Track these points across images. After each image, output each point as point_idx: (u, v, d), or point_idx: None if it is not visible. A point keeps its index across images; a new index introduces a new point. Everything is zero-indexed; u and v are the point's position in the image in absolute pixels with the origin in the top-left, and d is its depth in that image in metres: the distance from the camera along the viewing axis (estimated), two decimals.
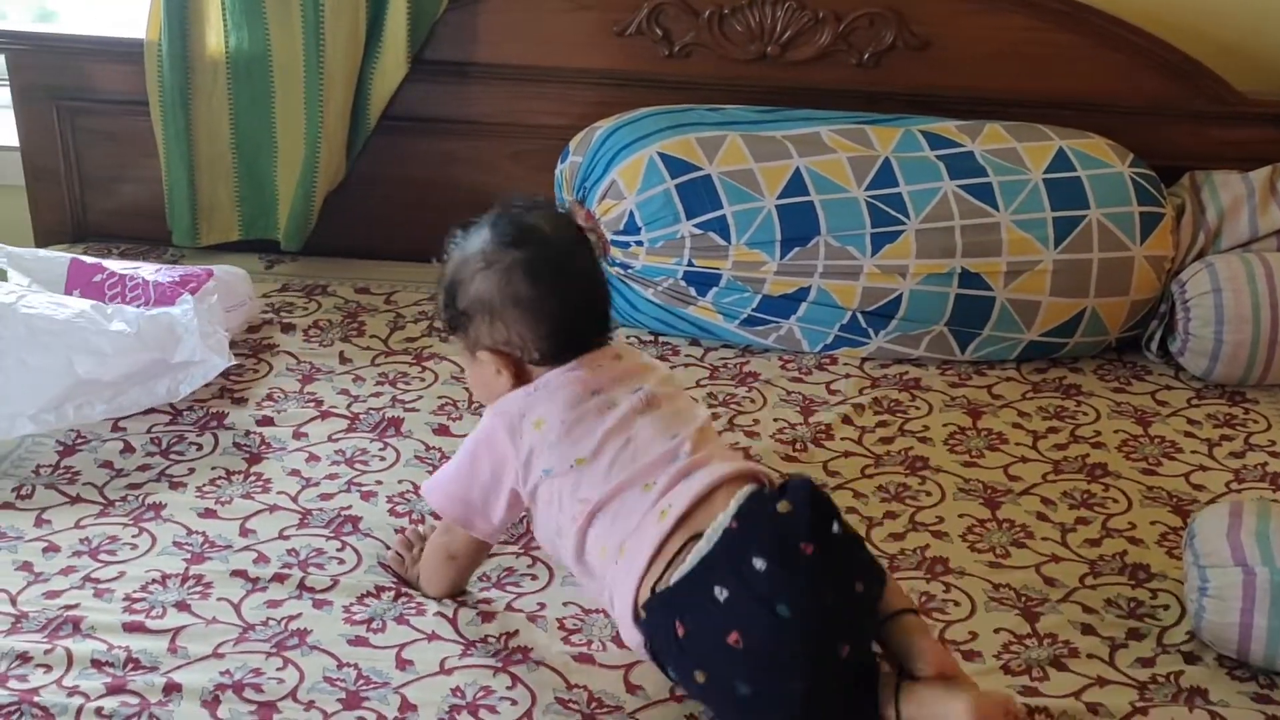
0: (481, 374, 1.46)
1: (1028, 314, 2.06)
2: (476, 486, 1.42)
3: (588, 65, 2.27)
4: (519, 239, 1.43)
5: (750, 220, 2.05)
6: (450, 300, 1.45)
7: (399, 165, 2.33)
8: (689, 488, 1.32)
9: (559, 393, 1.40)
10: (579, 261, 1.46)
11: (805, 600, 1.21)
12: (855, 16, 2.21)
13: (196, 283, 1.95)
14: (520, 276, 1.40)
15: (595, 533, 1.35)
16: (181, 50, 2.21)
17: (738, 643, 1.22)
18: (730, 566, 1.24)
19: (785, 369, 2.07)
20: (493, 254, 1.42)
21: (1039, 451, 1.87)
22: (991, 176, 2.07)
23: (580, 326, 1.44)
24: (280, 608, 1.47)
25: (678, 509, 1.31)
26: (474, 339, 1.44)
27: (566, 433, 1.37)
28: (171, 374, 1.78)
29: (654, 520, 1.31)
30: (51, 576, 1.50)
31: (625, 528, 1.33)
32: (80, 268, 2.00)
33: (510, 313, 1.41)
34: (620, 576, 1.32)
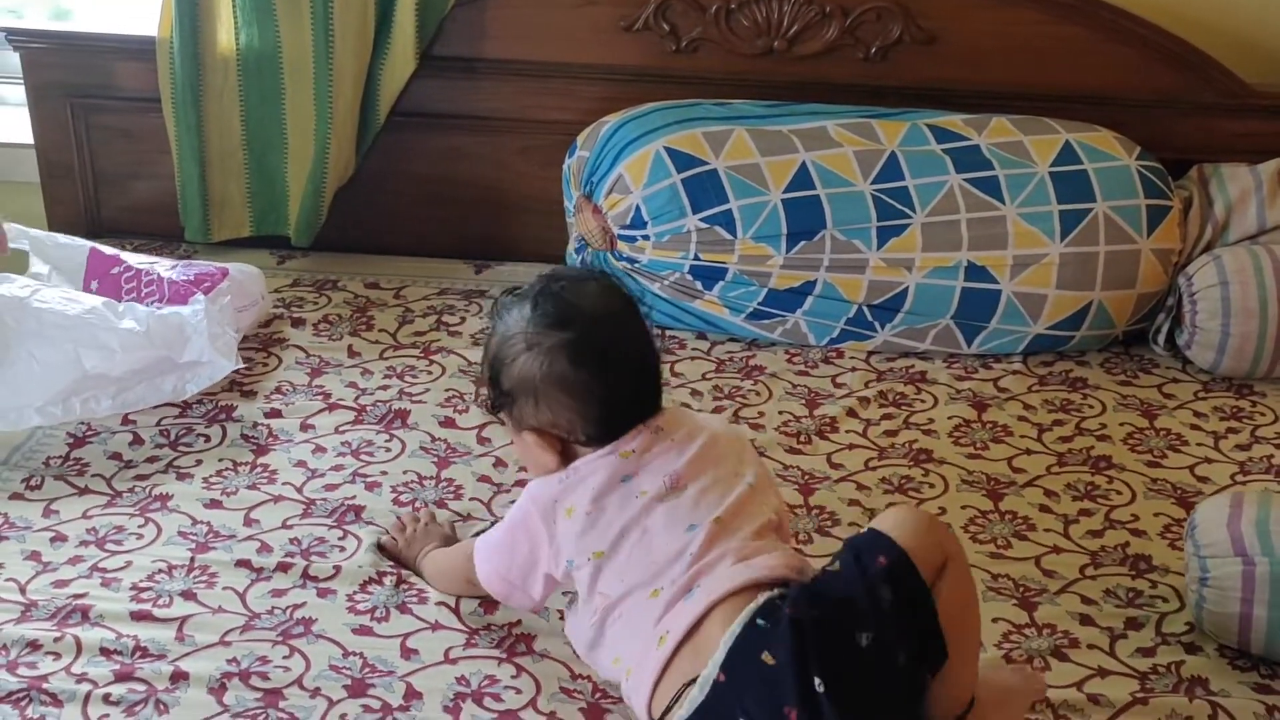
0: (528, 451, 1.41)
1: (1034, 307, 2.06)
2: (515, 566, 1.39)
3: (595, 60, 2.28)
4: (563, 320, 1.36)
5: (756, 214, 2.05)
6: (494, 379, 1.40)
7: (408, 161, 2.35)
8: (687, 610, 1.26)
9: (589, 479, 1.35)
10: (626, 340, 1.39)
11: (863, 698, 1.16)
12: (862, 11, 2.22)
13: (211, 282, 1.97)
14: (564, 360, 1.35)
15: (609, 637, 1.32)
16: (193, 47, 2.23)
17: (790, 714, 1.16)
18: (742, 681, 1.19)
19: (791, 362, 2.07)
20: (535, 335, 1.36)
21: (1044, 444, 1.87)
22: (998, 170, 2.07)
23: (628, 407, 1.38)
24: (285, 596, 1.49)
25: (675, 635, 1.25)
26: (519, 419, 1.40)
27: (591, 524, 1.34)
28: (179, 373, 1.80)
29: (654, 645, 1.26)
30: (60, 566, 1.52)
31: (632, 648, 1.29)
32: (99, 257, 2.02)
33: (555, 396, 1.36)
34: (631, 695, 1.29)
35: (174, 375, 1.79)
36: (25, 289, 1.78)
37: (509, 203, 2.37)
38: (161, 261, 2.04)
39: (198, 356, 1.80)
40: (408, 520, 1.59)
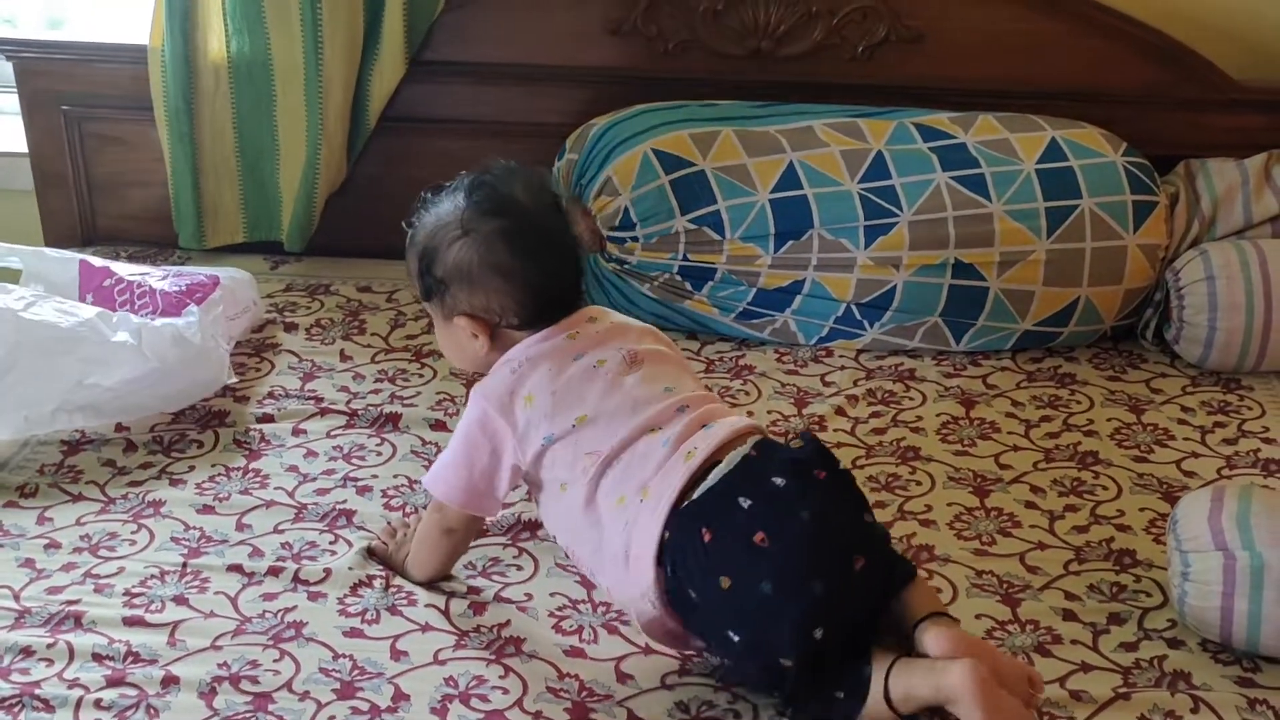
0: (456, 338, 1.49)
1: (1021, 304, 2.07)
2: (478, 471, 1.44)
3: (583, 63, 2.29)
4: (498, 208, 1.44)
5: (744, 215, 2.06)
6: (426, 267, 1.47)
7: (399, 165, 2.36)
8: (711, 434, 1.36)
9: (541, 364, 1.43)
10: (556, 229, 1.48)
11: (823, 508, 1.30)
12: (848, 11, 2.23)
13: (203, 292, 1.98)
14: (500, 246, 1.42)
15: (607, 483, 1.38)
16: (184, 55, 2.24)
17: (763, 541, 1.27)
18: (751, 483, 1.31)
19: (781, 362, 2.09)
20: (471, 222, 1.43)
21: (1031, 440, 1.88)
22: (984, 167, 2.08)
23: (557, 292, 1.47)
24: (276, 600, 1.50)
25: (703, 451, 1.34)
26: (450, 305, 1.47)
27: (559, 401, 1.40)
28: (171, 385, 1.82)
29: (680, 460, 1.34)
30: (53, 572, 1.53)
31: (643, 472, 1.36)
32: (90, 270, 2.04)
33: (490, 281, 1.43)
34: (645, 513, 1.34)
35: (167, 386, 1.81)
36: (19, 301, 1.79)
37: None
38: (153, 272, 2.05)
39: (190, 368, 1.82)
40: (398, 525, 1.61)
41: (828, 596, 1.27)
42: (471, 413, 1.45)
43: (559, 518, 1.45)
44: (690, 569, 1.31)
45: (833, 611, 1.28)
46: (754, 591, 1.28)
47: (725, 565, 1.29)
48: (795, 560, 1.28)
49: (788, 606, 1.27)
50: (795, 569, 1.27)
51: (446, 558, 1.52)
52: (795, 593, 1.27)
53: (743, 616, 1.30)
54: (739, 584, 1.28)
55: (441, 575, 1.53)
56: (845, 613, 1.30)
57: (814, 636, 1.27)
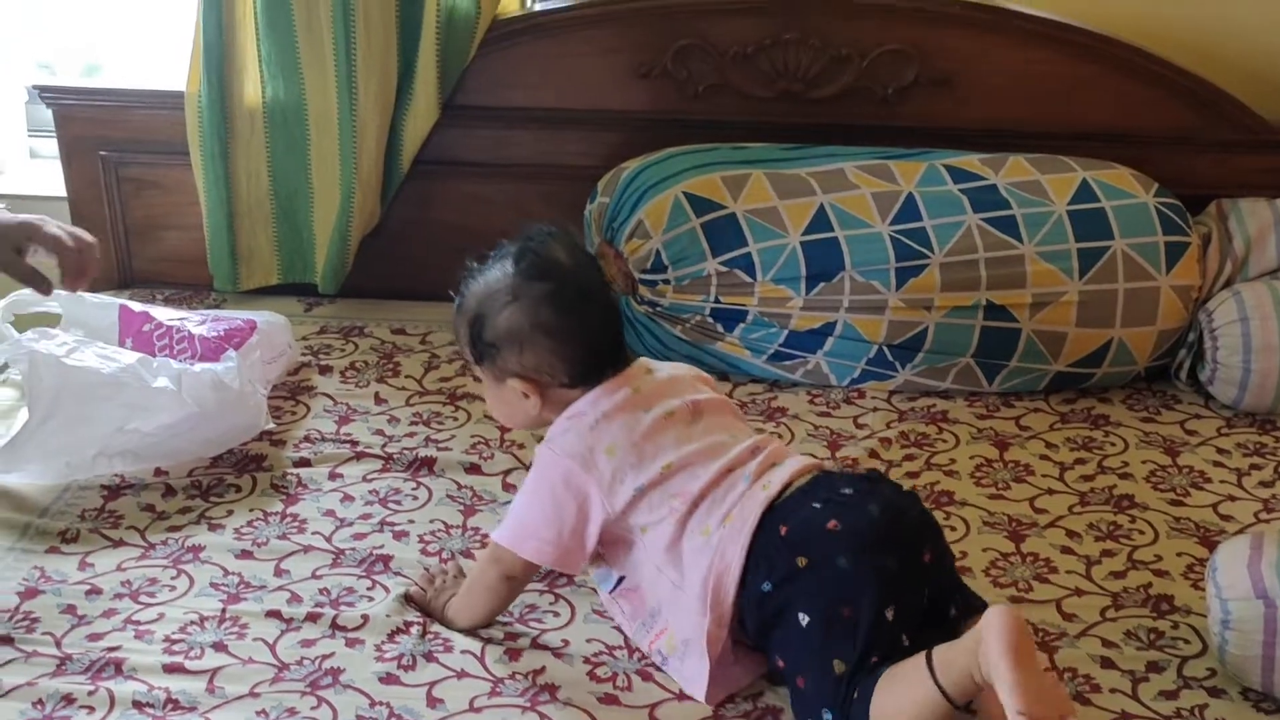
0: (508, 399, 1.54)
1: (1054, 345, 2.07)
2: (567, 529, 1.47)
3: (614, 107, 2.31)
4: (543, 272, 1.50)
5: (775, 257, 2.07)
6: (477, 334, 1.53)
7: (432, 208, 2.38)
8: (783, 469, 1.47)
9: (616, 419, 1.49)
10: (597, 287, 1.55)
11: (891, 503, 1.41)
12: (877, 54, 2.24)
13: (240, 338, 2.00)
14: (547, 308, 1.49)
15: (695, 521, 1.45)
16: (220, 101, 2.27)
17: (835, 528, 1.37)
18: (823, 492, 1.43)
19: (813, 403, 2.09)
20: (519, 287, 1.50)
21: (1066, 483, 1.87)
22: (1015, 209, 2.09)
23: (603, 348, 1.53)
24: (314, 647, 1.51)
25: (778, 483, 1.44)
26: (502, 368, 1.52)
27: (642, 451, 1.47)
28: (211, 429, 1.83)
29: (758, 490, 1.44)
30: (95, 619, 1.54)
31: (725, 505, 1.44)
32: (129, 315, 2.06)
33: (540, 342, 1.49)
34: (729, 537, 1.42)
35: (206, 431, 1.83)
36: (62, 346, 1.81)
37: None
38: (191, 317, 2.07)
39: (230, 413, 1.83)
40: (435, 572, 1.62)
41: (901, 574, 1.35)
42: (551, 471, 1.49)
43: (636, 564, 1.50)
44: (768, 560, 1.39)
45: (904, 592, 1.35)
46: (830, 566, 1.35)
47: (801, 547, 1.38)
48: (868, 539, 1.36)
49: (865, 578, 1.34)
50: (869, 546, 1.36)
51: (501, 603, 1.54)
52: (871, 568, 1.34)
53: (817, 593, 1.35)
54: (816, 560, 1.36)
55: (489, 622, 1.54)
56: (915, 600, 1.36)
57: (886, 616, 1.32)
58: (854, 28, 2.24)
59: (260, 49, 2.26)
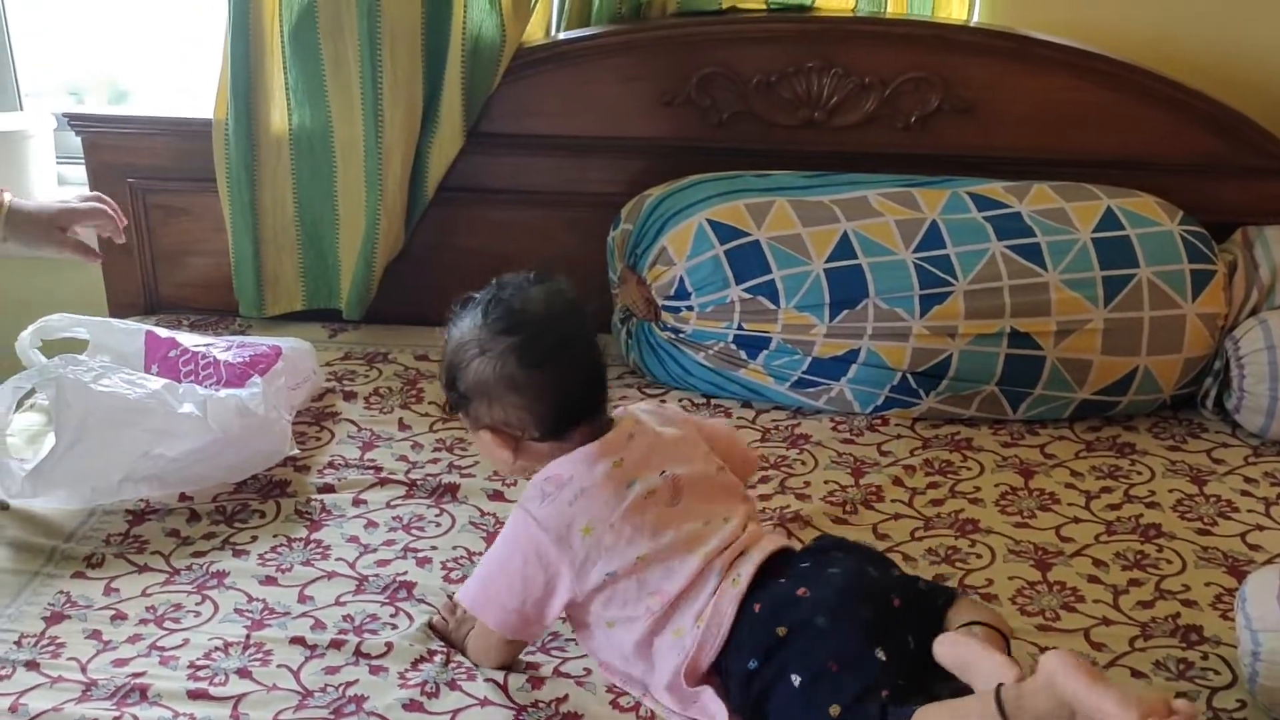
0: (484, 446, 1.54)
1: (1079, 373, 2.06)
2: (530, 601, 1.45)
3: (638, 134, 2.32)
4: (511, 325, 1.47)
5: (799, 284, 2.07)
6: (450, 382, 1.52)
7: (456, 235, 2.39)
8: (750, 560, 1.45)
9: (597, 496, 1.45)
10: (572, 341, 1.50)
11: (852, 565, 1.44)
12: (900, 81, 2.24)
13: (265, 363, 2.00)
14: (514, 363, 1.46)
15: (671, 622, 1.43)
16: (247, 129, 2.29)
17: (805, 594, 1.38)
18: (785, 568, 1.44)
19: (837, 430, 2.08)
20: (486, 340, 1.47)
21: (1092, 512, 1.86)
22: (1039, 237, 2.08)
23: (576, 404, 1.49)
24: (338, 674, 1.50)
25: (746, 577, 1.43)
26: (475, 419, 1.51)
27: (618, 535, 1.44)
28: (235, 455, 1.84)
29: (729, 586, 1.42)
30: (120, 644, 1.55)
31: (699, 605, 1.43)
32: (155, 341, 2.07)
33: (506, 397, 1.47)
34: (707, 636, 1.40)
35: (231, 457, 1.83)
36: (89, 373, 1.82)
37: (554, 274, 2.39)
38: (217, 343, 2.08)
39: (255, 439, 1.84)
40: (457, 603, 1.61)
41: (878, 620, 1.35)
42: (525, 542, 1.46)
43: (604, 650, 1.49)
44: (749, 638, 1.38)
45: (887, 634, 1.34)
46: (810, 627, 1.35)
47: (778, 618, 1.37)
48: (839, 597, 1.37)
49: (846, 631, 1.34)
50: (841, 603, 1.37)
51: (509, 659, 1.52)
52: (848, 619, 1.35)
53: (804, 655, 1.34)
54: (794, 627, 1.36)
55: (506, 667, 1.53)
56: (898, 641, 1.35)
57: (878, 656, 1.32)
58: (877, 56, 2.24)
59: (287, 77, 2.28)
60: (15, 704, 1.43)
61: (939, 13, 2.33)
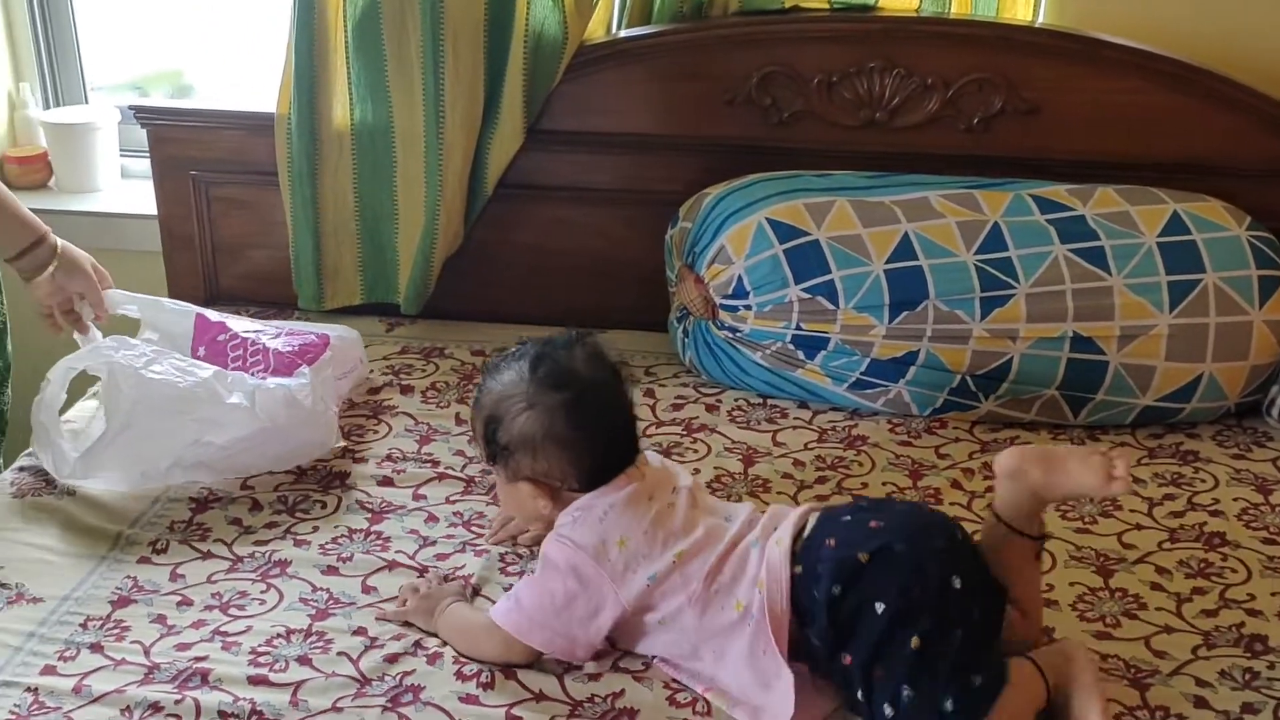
0: (519, 498, 1.58)
1: (1142, 379, 2.03)
2: (576, 622, 1.49)
3: (698, 133, 2.32)
4: (561, 382, 1.53)
5: (859, 285, 2.06)
6: (492, 434, 1.55)
7: (514, 231, 2.40)
8: (786, 526, 1.49)
9: (626, 512, 1.51)
10: (614, 400, 1.57)
11: (910, 507, 1.57)
12: (964, 82, 2.23)
13: (314, 353, 2.01)
14: (562, 419, 1.52)
15: (718, 597, 1.46)
16: (309, 123, 2.31)
17: (878, 526, 1.43)
18: (841, 515, 1.49)
19: (894, 432, 2.07)
20: (535, 395, 1.53)
21: (1154, 519, 1.84)
22: (1103, 240, 2.06)
23: (614, 458, 1.55)
24: (396, 663, 1.51)
25: (788, 536, 1.47)
26: (514, 470, 1.56)
27: (652, 541, 1.49)
28: (282, 445, 1.86)
29: (774, 547, 1.47)
30: (183, 629, 1.57)
31: (747, 574, 1.46)
32: (205, 324, 2.09)
33: (552, 450, 1.52)
34: (772, 593, 1.43)
35: (278, 446, 1.85)
36: (140, 358, 1.85)
37: (611, 272, 2.41)
38: (267, 329, 2.09)
39: (301, 429, 1.86)
40: (419, 584, 1.63)
41: (950, 548, 1.41)
42: (562, 564, 1.50)
43: (670, 650, 1.50)
44: (829, 568, 1.40)
45: (960, 562, 1.40)
46: (890, 552, 1.39)
47: (857, 546, 1.41)
48: (911, 526, 1.44)
49: (923, 556, 1.39)
50: (915, 531, 1.43)
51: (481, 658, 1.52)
52: (924, 547, 1.40)
53: (887, 581, 1.38)
54: (874, 553, 1.39)
55: None
56: (971, 569, 1.40)
57: (954, 585, 1.37)
58: (940, 56, 2.23)
59: (350, 73, 2.29)
60: (79, 685, 1.46)
61: (1003, 13, 2.31)
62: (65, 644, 1.53)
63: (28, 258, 1.92)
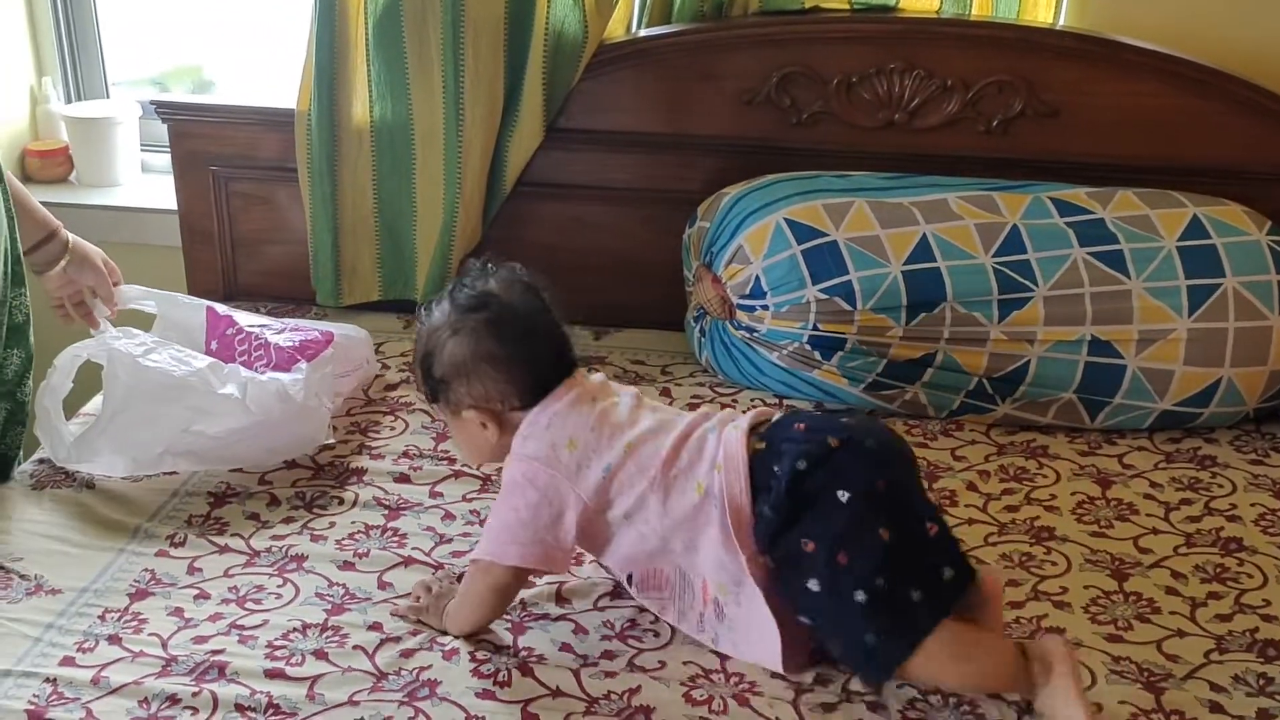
0: (467, 431, 1.59)
1: (1160, 383, 2.03)
2: (544, 528, 1.51)
3: (717, 132, 2.32)
4: (478, 303, 1.56)
5: (876, 286, 2.06)
6: (427, 371, 1.58)
7: (531, 228, 2.41)
8: (744, 418, 1.53)
9: (570, 415, 1.53)
10: (535, 312, 1.59)
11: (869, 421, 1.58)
12: (984, 84, 2.23)
13: (315, 349, 2.02)
14: (487, 336, 1.54)
15: (678, 481, 1.50)
16: (329, 120, 2.32)
17: (849, 422, 1.50)
18: (802, 415, 1.56)
19: (910, 434, 2.07)
20: (457, 321, 1.56)
21: (1171, 524, 1.84)
22: (1123, 244, 2.06)
23: (549, 368, 1.57)
24: (412, 658, 1.52)
25: (745, 424, 1.51)
26: (455, 402, 1.57)
27: (599, 435, 1.52)
28: (272, 438, 1.87)
29: (731, 431, 1.51)
30: (200, 622, 1.57)
31: (705, 457, 1.50)
32: (215, 317, 2.11)
33: (484, 370, 1.54)
34: (730, 477, 1.47)
35: (268, 440, 1.86)
36: (140, 347, 1.88)
37: (628, 271, 2.41)
38: (271, 324, 2.10)
39: (292, 424, 1.87)
40: (431, 582, 1.64)
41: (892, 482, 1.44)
42: (518, 477, 1.52)
43: (638, 546, 1.53)
44: (796, 447, 1.45)
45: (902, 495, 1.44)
46: (860, 446, 1.44)
47: (830, 431, 1.46)
48: (882, 432, 1.50)
49: (891, 455, 1.46)
50: (886, 438, 1.48)
51: (494, 613, 1.56)
52: (891, 448, 1.47)
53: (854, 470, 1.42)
54: (845, 441, 1.44)
55: (484, 628, 1.57)
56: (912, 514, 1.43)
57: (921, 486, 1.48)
58: (960, 58, 2.23)
59: (370, 70, 2.30)
60: (97, 676, 1.47)
61: (1024, 15, 2.31)
62: (84, 635, 1.54)
63: (40, 252, 1.95)
